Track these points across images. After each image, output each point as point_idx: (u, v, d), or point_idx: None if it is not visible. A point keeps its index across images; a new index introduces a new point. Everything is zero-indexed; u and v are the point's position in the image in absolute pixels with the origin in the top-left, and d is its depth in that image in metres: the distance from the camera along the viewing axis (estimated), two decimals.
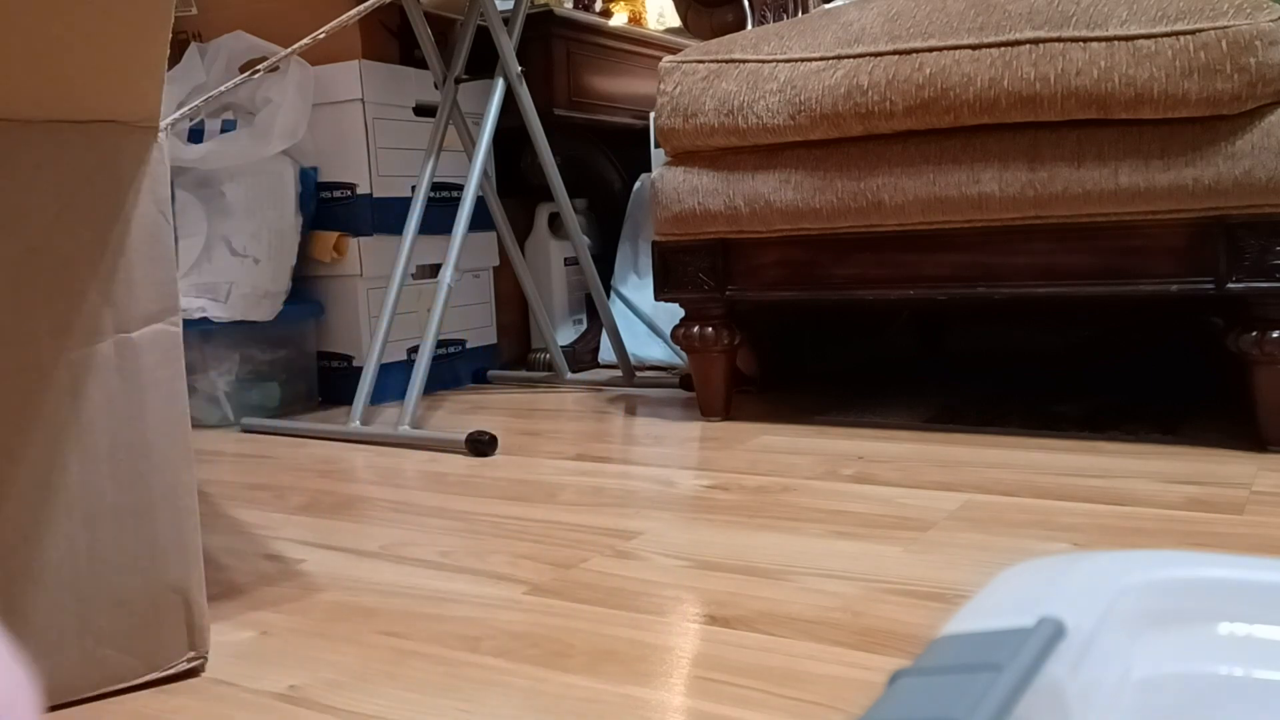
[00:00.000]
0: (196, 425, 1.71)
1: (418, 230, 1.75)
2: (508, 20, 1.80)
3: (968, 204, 1.30)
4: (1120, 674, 0.36)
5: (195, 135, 1.81)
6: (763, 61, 1.42)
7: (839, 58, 1.36)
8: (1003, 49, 1.25)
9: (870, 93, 1.32)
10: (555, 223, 2.28)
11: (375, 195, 1.90)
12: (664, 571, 0.88)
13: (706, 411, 1.57)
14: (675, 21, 2.66)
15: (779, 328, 1.80)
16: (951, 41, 1.28)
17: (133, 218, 0.68)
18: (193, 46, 1.86)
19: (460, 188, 1.99)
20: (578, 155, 2.25)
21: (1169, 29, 1.18)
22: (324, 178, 1.92)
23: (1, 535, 0.63)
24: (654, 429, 1.55)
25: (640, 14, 2.79)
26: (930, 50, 1.29)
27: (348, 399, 1.71)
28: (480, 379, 2.14)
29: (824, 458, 1.27)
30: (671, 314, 1.61)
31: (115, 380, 0.68)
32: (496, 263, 2.21)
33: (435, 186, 1.91)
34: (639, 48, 2.41)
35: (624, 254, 2.22)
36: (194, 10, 1.94)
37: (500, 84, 1.78)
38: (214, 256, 1.76)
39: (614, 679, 0.67)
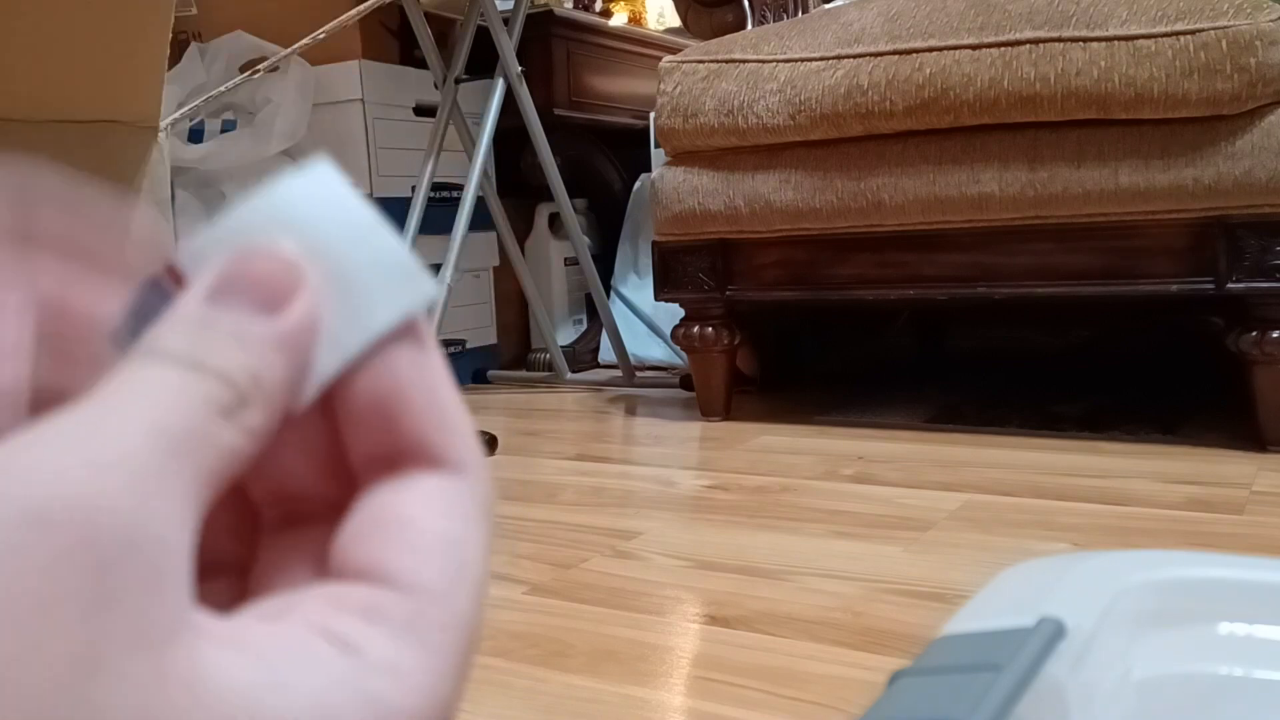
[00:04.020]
0: None
1: (418, 230, 1.75)
2: (508, 20, 1.80)
3: (968, 204, 1.30)
4: (1120, 674, 0.36)
5: (195, 135, 1.81)
6: (763, 61, 1.42)
7: (839, 58, 1.36)
8: (1003, 49, 1.25)
9: (870, 93, 1.32)
10: (555, 223, 2.28)
11: (375, 195, 1.90)
12: (664, 571, 0.88)
13: (706, 411, 1.57)
14: (675, 21, 2.66)
15: (779, 328, 1.80)
16: (951, 41, 1.28)
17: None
18: (193, 46, 1.86)
19: (460, 188, 1.99)
20: (578, 155, 2.25)
21: (1169, 29, 1.18)
22: None
23: None
24: (654, 429, 1.55)
25: (640, 14, 2.79)
26: (930, 50, 1.29)
27: None
28: (480, 379, 2.14)
29: (824, 458, 1.27)
30: (671, 314, 1.60)
31: None
32: (496, 263, 2.21)
33: (435, 186, 1.91)
34: (639, 48, 2.41)
35: (624, 254, 2.22)
36: (194, 10, 1.94)
37: (500, 84, 1.78)
38: None
39: (614, 679, 0.67)
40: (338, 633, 0.15)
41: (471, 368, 2.13)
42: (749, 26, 2.19)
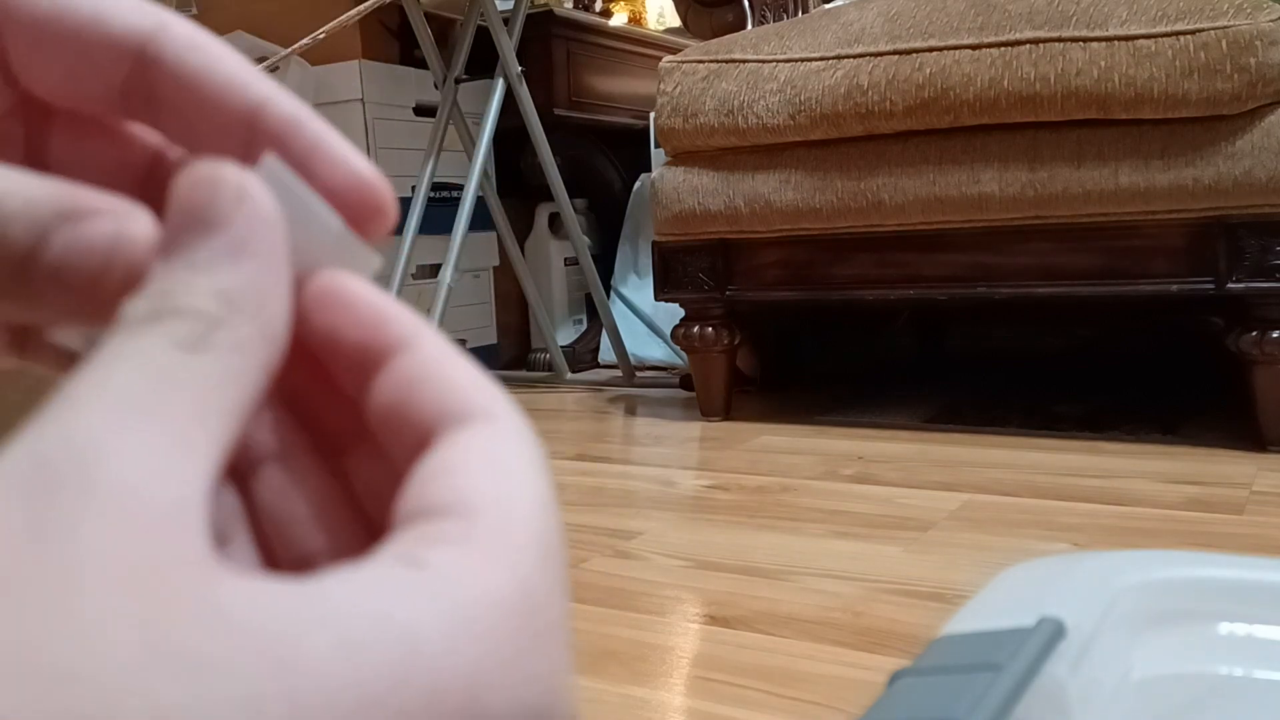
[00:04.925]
0: None
1: (418, 230, 1.75)
2: (508, 20, 1.80)
3: (968, 204, 1.30)
4: (1120, 674, 0.36)
5: None
6: (763, 61, 1.42)
7: (839, 58, 1.36)
8: (1003, 49, 1.25)
9: (870, 93, 1.32)
10: (555, 223, 2.28)
11: None
12: (664, 571, 0.88)
13: (706, 411, 1.57)
14: (675, 21, 2.66)
15: (779, 328, 1.80)
16: (951, 41, 1.28)
17: None
18: None
19: (460, 188, 1.99)
20: (578, 155, 2.25)
21: (1169, 29, 1.18)
22: None
23: None
24: (654, 429, 1.55)
25: (640, 14, 2.79)
26: (930, 50, 1.29)
27: None
28: None
29: (824, 458, 1.27)
30: (671, 314, 1.60)
31: None
32: (496, 263, 2.21)
33: (435, 186, 1.90)
34: (639, 48, 2.41)
35: (624, 254, 2.22)
36: (194, 10, 1.94)
37: (500, 84, 1.78)
38: None
39: (614, 679, 0.67)
40: (398, 555, 0.14)
41: None
42: (749, 26, 2.19)
